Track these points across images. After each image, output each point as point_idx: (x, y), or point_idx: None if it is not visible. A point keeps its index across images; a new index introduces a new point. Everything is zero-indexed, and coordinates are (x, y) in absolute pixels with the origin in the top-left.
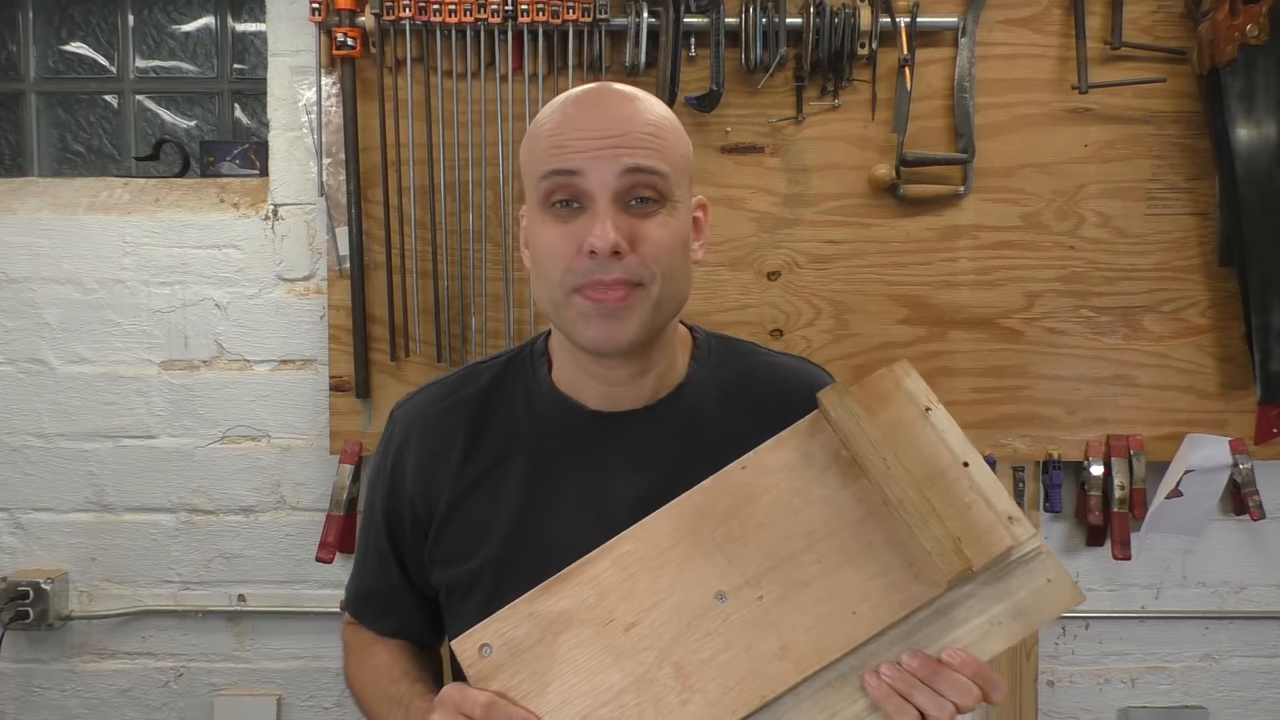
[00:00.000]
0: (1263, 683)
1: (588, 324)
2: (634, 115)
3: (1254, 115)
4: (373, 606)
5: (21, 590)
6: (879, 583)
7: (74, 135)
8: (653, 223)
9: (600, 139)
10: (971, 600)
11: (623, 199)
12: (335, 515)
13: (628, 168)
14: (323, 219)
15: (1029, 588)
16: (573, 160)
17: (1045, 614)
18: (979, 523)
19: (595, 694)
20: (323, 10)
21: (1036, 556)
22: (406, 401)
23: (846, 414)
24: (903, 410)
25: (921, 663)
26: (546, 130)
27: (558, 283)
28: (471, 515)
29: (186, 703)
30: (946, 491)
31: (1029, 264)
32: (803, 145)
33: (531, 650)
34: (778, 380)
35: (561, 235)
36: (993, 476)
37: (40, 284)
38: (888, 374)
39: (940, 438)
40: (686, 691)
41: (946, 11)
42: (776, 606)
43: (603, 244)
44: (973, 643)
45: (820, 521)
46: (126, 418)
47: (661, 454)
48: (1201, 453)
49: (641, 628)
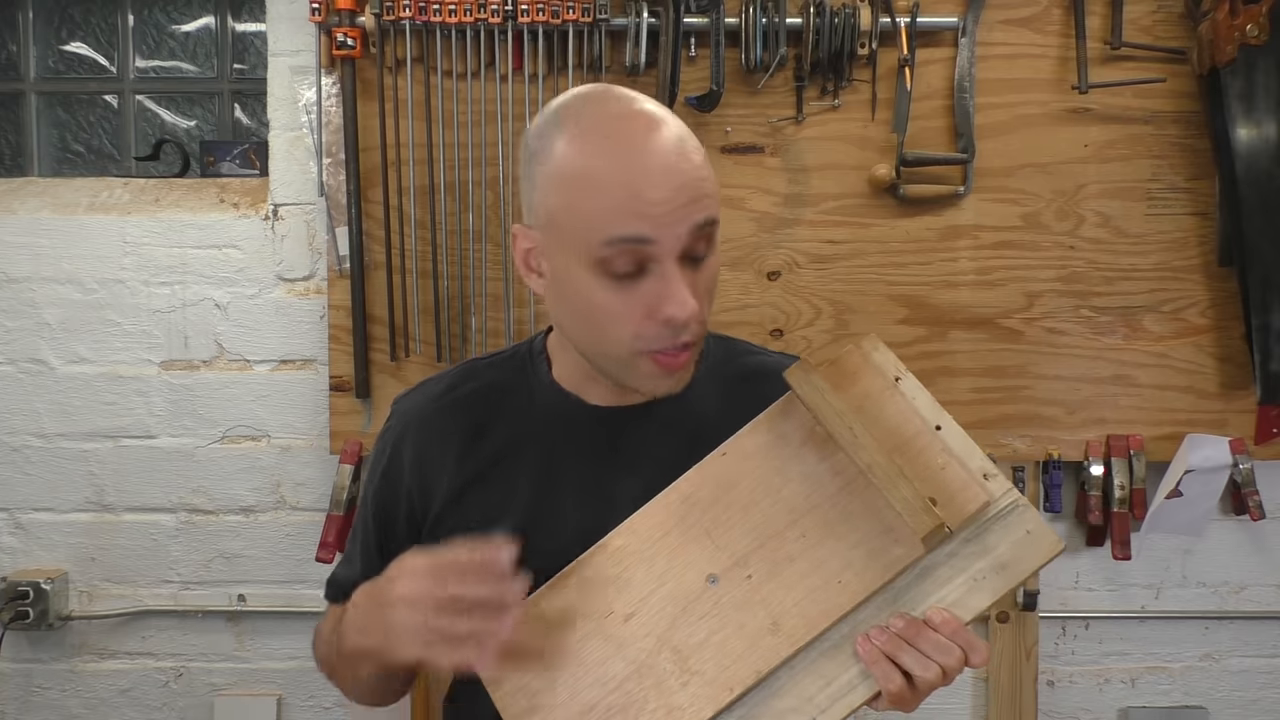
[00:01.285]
0: (1263, 683)
1: (651, 380)
2: (694, 166)
3: (1254, 115)
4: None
5: (21, 590)
6: (861, 550)
7: (74, 135)
8: (705, 269)
9: (673, 203)
10: (953, 559)
11: (687, 255)
12: (335, 515)
13: (698, 224)
14: (323, 219)
15: (1008, 541)
16: (645, 228)
17: (1027, 565)
18: (953, 483)
19: (601, 684)
20: (323, 10)
21: (1014, 510)
22: (406, 396)
23: (812, 389)
24: (871, 383)
25: (906, 624)
26: (613, 186)
27: (625, 344)
28: (472, 511)
29: (186, 703)
30: (919, 456)
31: (1029, 264)
32: (803, 145)
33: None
34: (773, 376)
35: (624, 301)
36: (966, 437)
37: (40, 284)
38: (855, 350)
39: (910, 405)
40: (686, 674)
41: (946, 11)
42: (765, 584)
43: (685, 314)
44: (958, 600)
45: (801, 497)
46: (126, 418)
47: (664, 451)
48: (1201, 453)
49: (639, 617)
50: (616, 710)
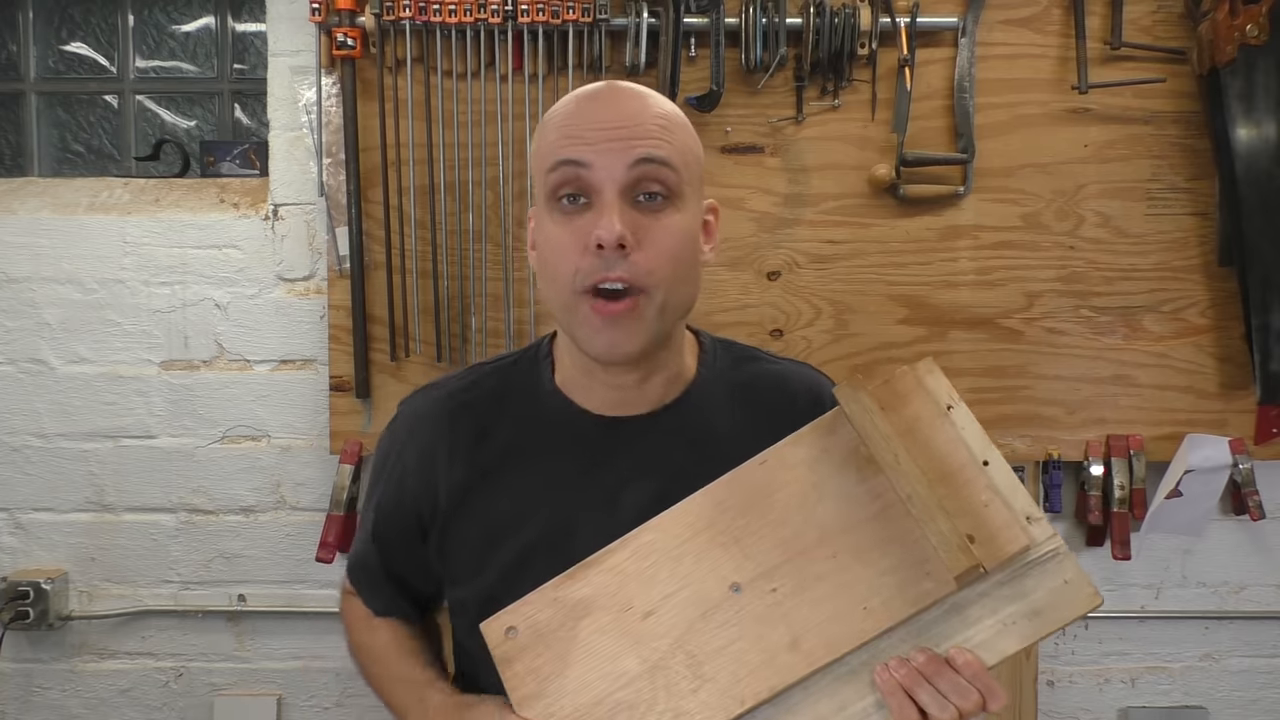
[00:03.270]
0: (1263, 683)
1: (596, 333)
2: (644, 108)
3: (1254, 115)
4: (367, 577)
5: (21, 590)
6: (891, 579)
7: (74, 135)
8: (660, 221)
9: (610, 130)
10: (985, 600)
11: (630, 194)
12: (335, 515)
13: (637, 159)
14: (323, 219)
15: (1045, 588)
16: (581, 151)
17: (1062, 616)
18: (994, 521)
19: (611, 678)
20: (323, 10)
21: (1054, 557)
22: (412, 398)
23: (860, 409)
24: (922, 408)
25: (927, 659)
26: (556, 122)
27: (566, 283)
28: (476, 517)
29: (186, 703)
30: (963, 489)
31: (1029, 264)
32: (803, 145)
33: (554, 634)
34: (781, 386)
35: (568, 232)
36: (1013, 476)
37: (40, 284)
38: (909, 372)
39: (959, 435)
40: (698, 679)
41: (946, 11)
42: (789, 599)
43: (609, 235)
44: (985, 641)
45: (835, 516)
46: (126, 418)
47: (670, 459)
48: (1201, 453)
49: (658, 616)
50: (624, 707)
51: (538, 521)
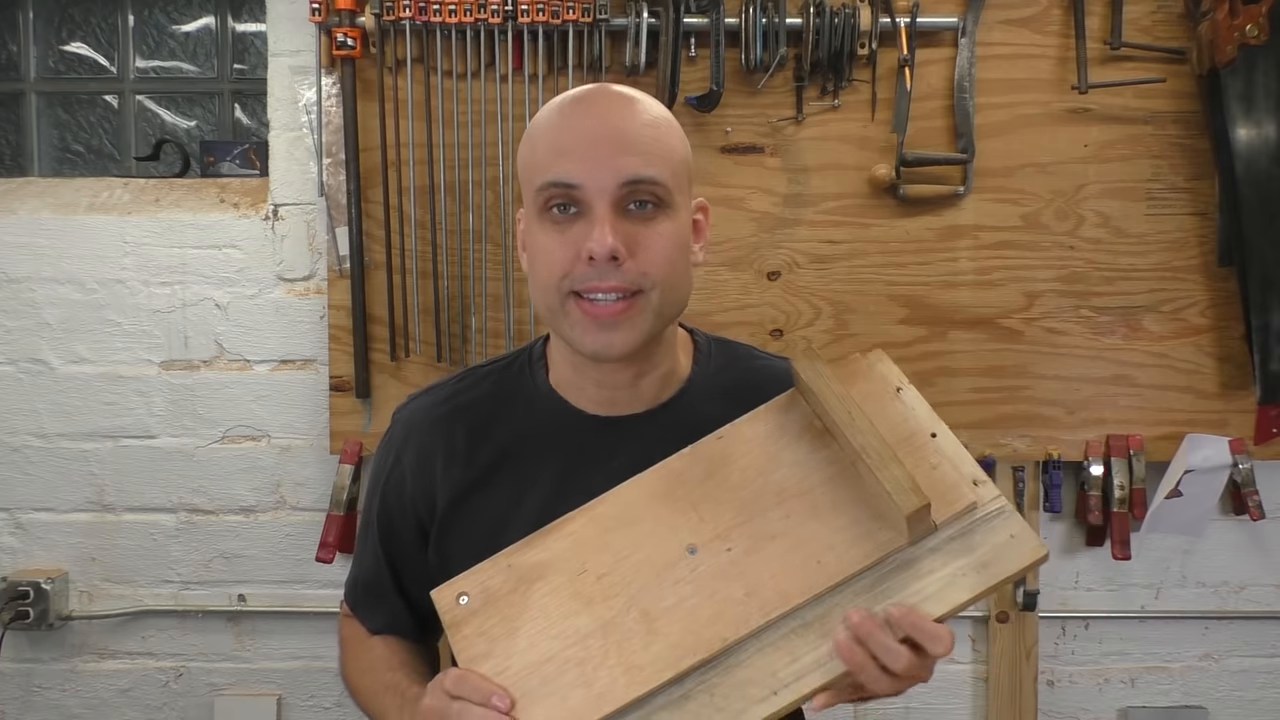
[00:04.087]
0: (1263, 683)
1: (585, 332)
2: (632, 116)
3: (1254, 115)
4: (368, 597)
5: (21, 590)
6: (846, 534)
7: (74, 135)
8: (651, 229)
9: (598, 144)
10: (936, 554)
11: (621, 205)
12: (335, 515)
13: (626, 180)
14: (323, 219)
15: (991, 543)
16: (570, 171)
17: (1009, 567)
18: (943, 482)
19: (562, 637)
20: (323, 10)
21: (1000, 514)
22: (407, 404)
23: (815, 374)
24: (873, 387)
25: (862, 619)
26: (543, 135)
27: (554, 288)
28: (474, 519)
29: (186, 703)
30: (913, 454)
31: (1029, 264)
32: (803, 145)
33: (506, 598)
34: (776, 382)
35: (559, 241)
36: (960, 446)
37: (40, 284)
38: (860, 358)
39: (910, 411)
40: (650, 635)
41: (946, 11)
42: (745, 557)
43: (601, 249)
44: (936, 593)
45: (792, 481)
46: (126, 418)
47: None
48: (1201, 453)
49: (612, 577)
50: (574, 663)
51: (535, 522)
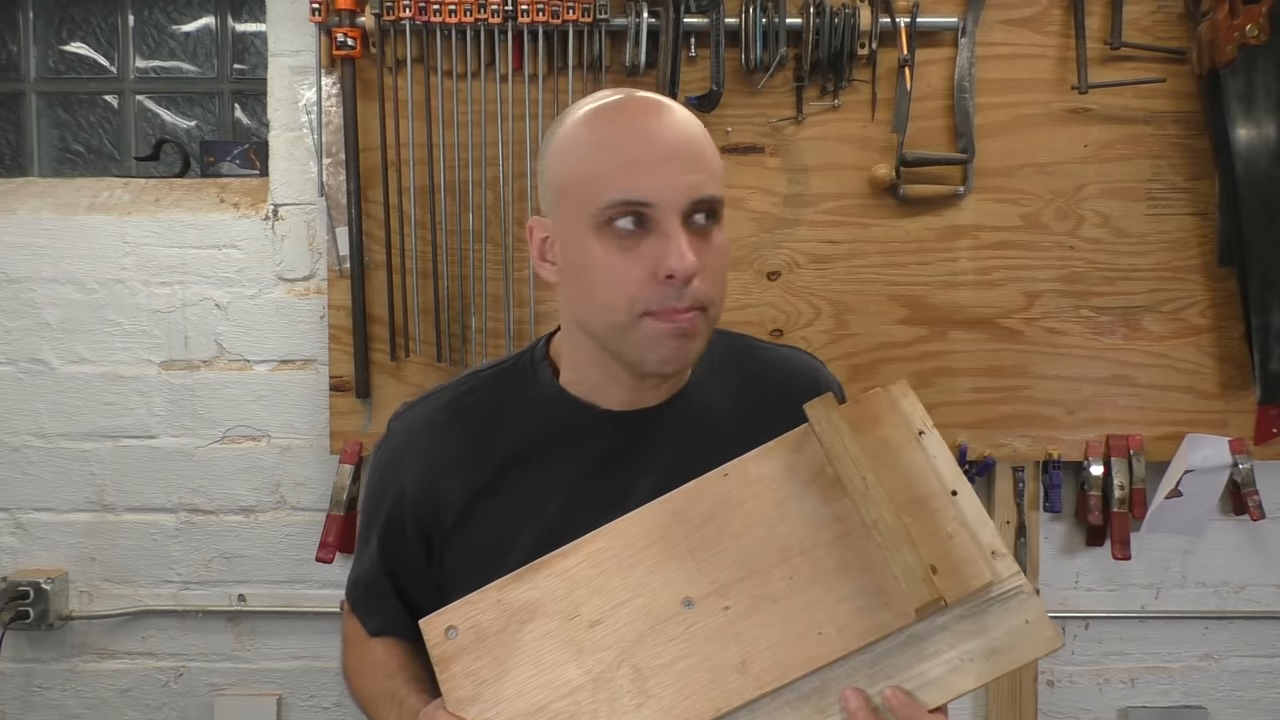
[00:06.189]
0: (1263, 683)
1: (656, 347)
2: (687, 131)
3: (1254, 115)
4: (369, 598)
5: (21, 590)
6: (849, 605)
7: (74, 135)
8: (710, 243)
9: (669, 163)
10: (944, 634)
11: (687, 218)
12: (335, 515)
13: (700, 198)
14: (323, 219)
15: (1005, 627)
16: (642, 191)
17: (1020, 656)
18: (959, 554)
19: (552, 687)
20: (323, 10)
21: (1016, 595)
22: (405, 412)
23: (831, 429)
24: (894, 431)
25: (857, 708)
26: (599, 149)
27: (623, 308)
28: (485, 524)
29: (186, 703)
30: (930, 519)
31: (1029, 264)
32: (803, 145)
33: (495, 637)
34: (779, 371)
35: (625, 261)
36: (981, 509)
37: (40, 284)
38: (882, 393)
39: (930, 463)
40: (642, 695)
41: (946, 11)
42: (742, 619)
43: (683, 267)
44: (939, 677)
45: (796, 537)
46: (126, 418)
47: (674, 450)
48: (1201, 453)
49: (605, 626)
50: (563, 717)
51: (549, 525)
